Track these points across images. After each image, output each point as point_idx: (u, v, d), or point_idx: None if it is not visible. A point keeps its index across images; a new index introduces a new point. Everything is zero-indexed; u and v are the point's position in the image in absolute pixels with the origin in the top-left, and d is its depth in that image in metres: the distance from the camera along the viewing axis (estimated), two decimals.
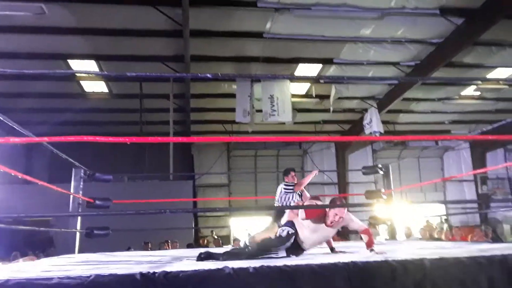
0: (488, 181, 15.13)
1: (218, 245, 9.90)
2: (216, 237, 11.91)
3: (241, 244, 3.88)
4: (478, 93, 12.08)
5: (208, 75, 2.66)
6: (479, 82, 11.31)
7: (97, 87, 10.38)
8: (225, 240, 11.48)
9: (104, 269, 2.46)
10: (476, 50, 9.30)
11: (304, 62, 9.66)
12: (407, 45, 9.11)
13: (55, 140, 2.49)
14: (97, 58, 8.89)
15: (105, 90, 10.49)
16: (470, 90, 11.89)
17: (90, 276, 2.06)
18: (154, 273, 2.11)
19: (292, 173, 5.19)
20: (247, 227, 12.62)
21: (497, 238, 9.51)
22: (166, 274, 2.12)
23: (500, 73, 10.48)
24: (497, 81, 12.24)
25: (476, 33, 8.19)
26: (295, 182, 5.16)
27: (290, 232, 3.38)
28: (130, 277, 2.10)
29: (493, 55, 9.58)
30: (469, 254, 2.43)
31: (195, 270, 2.17)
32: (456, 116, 13.75)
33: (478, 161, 14.71)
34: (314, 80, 10.55)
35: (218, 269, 2.17)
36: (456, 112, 13.40)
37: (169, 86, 9.70)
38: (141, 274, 2.10)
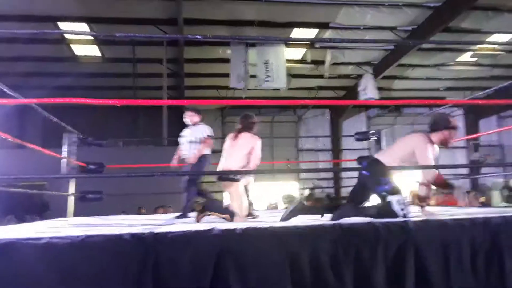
0: (480, 148, 15.25)
1: None
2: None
3: None
4: (474, 59, 12.00)
5: (198, 36, 2.62)
6: (476, 48, 11.22)
7: (89, 50, 10.19)
8: None
9: (95, 231, 2.49)
10: (473, 14, 9.16)
11: (299, 27, 9.51)
12: (405, 9, 8.95)
13: (44, 102, 2.47)
14: (88, 20, 8.70)
15: (98, 53, 10.31)
16: (466, 56, 11.80)
17: (80, 236, 2.10)
18: (143, 233, 2.15)
19: None
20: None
21: (486, 203, 9.72)
22: (155, 234, 2.15)
23: (497, 38, 10.38)
24: (498, 44, 12.07)
25: None
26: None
27: None
28: (120, 237, 2.13)
29: (490, 20, 9.45)
30: (452, 216, 2.48)
31: (184, 231, 2.20)
32: (451, 83, 13.69)
33: (471, 128, 14.77)
34: (310, 45, 10.42)
35: (207, 230, 2.20)
36: (451, 78, 13.33)
37: (163, 50, 9.56)
38: (131, 234, 2.14)
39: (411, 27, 9.69)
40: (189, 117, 5.04)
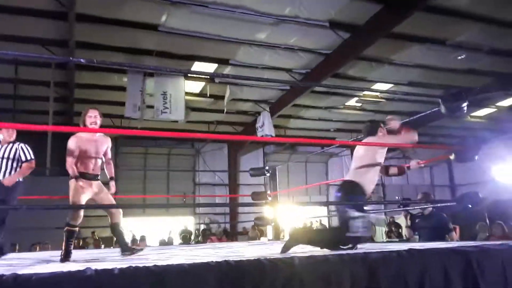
0: None
1: (98, 246, 9.32)
2: (97, 237, 11.19)
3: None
4: (359, 104, 13.13)
5: (81, 60, 2.44)
6: (361, 94, 12.29)
7: None
8: (107, 241, 10.80)
9: None
10: (359, 64, 10.08)
11: (200, 61, 9.57)
12: (299, 53, 9.53)
13: None
14: None
15: None
16: (353, 101, 12.86)
17: None
18: (2, 275, 1.85)
19: None
20: (131, 229, 12.06)
21: (369, 239, 10.40)
22: (16, 277, 1.86)
23: (379, 87, 11.50)
24: (379, 92, 13.39)
25: (360, 48, 8.88)
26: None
27: None
28: None
29: (373, 70, 10.48)
30: (335, 252, 2.55)
31: (52, 273, 1.94)
32: (340, 124, 14.77)
33: None
34: (209, 79, 10.51)
35: (79, 271, 1.97)
36: (340, 120, 14.39)
37: (50, 73, 8.84)
38: None
39: (305, 70, 10.32)
40: (6, 133, 4.29)
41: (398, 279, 2.44)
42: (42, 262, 3.41)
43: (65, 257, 3.48)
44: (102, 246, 9.52)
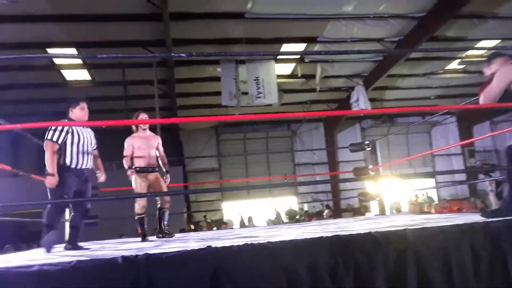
0: (476, 154, 15.27)
1: (210, 228, 9.94)
2: (209, 221, 11.95)
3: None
4: (462, 66, 12.10)
5: (183, 54, 2.61)
6: (463, 55, 11.32)
7: (79, 75, 10.19)
8: (218, 224, 11.50)
9: (88, 256, 2.43)
10: (458, 23, 9.28)
11: (288, 42, 9.58)
12: (390, 21, 9.06)
13: (26, 126, 2.43)
14: (77, 45, 8.72)
15: (88, 77, 10.30)
16: (454, 64, 11.90)
17: (71, 262, 2.04)
18: (137, 255, 2.09)
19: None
20: (239, 211, 12.69)
21: (486, 209, 9.66)
22: (148, 256, 2.10)
23: (484, 45, 10.48)
24: (485, 49, 12.22)
25: (458, 5, 8.18)
26: None
27: None
28: (111, 261, 2.08)
29: (475, 28, 9.58)
30: (451, 223, 2.45)
31: (179, 251, 2.15)
32: (441, 90, 13.79)
33: (465, 134, 14.84)
34: (299, 59, 10.47)
35: (201, 249, 2.15)
36: (441, 86, 13.43)
37: (153, 72, 9.55)
38: (123, 257, 2.08)
39: (397, 38, 9.78)
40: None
41: None
42: (168, 243, 3.70)
43: (144, 238, 4.11)
44: (214, 228, 10.11)
